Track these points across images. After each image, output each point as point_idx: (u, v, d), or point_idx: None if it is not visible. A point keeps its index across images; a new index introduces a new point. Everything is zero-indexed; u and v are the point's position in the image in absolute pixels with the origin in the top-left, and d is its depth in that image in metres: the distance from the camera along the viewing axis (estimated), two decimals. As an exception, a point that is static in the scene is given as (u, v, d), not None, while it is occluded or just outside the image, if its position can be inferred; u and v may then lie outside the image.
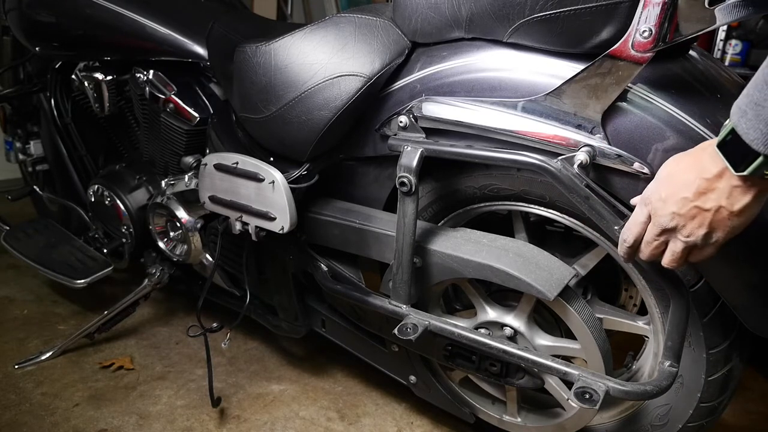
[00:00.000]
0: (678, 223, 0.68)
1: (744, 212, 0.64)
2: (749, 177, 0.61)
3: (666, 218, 0.69)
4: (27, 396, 1.35)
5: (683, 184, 0.67)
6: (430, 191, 1.07)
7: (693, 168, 0.66)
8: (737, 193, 0.63)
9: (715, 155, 0.63)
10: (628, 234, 0.76)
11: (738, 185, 0.63)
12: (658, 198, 0.70)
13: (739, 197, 0.63)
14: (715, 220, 0.66)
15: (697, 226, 0.67)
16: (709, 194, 0.65)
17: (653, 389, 0.87)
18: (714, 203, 0.65)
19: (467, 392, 1.21)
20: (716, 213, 0.65)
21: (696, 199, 0.66)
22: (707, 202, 0.65)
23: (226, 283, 1.44)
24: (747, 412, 1.38)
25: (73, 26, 1.40)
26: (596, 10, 0.79)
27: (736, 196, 0.63)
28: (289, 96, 1.05)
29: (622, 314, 1.06)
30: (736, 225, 0.66)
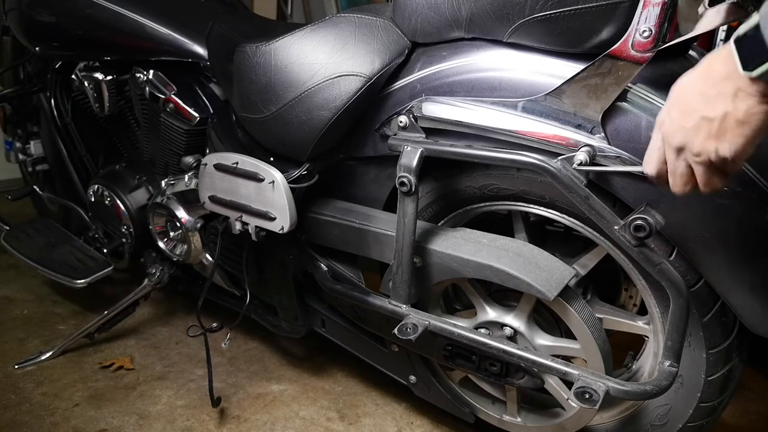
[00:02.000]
0: (687, 140, 0.64)
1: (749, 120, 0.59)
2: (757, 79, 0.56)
3: (676, 136, 0.65)
4: (27, 396, 1.35)
5: (692, 95, 0.62)
6: (430, 191, 1.07)
7: (702, 76, 0.62)
8: (742, 96, 0.58)
9: (727, 56, 0.58)
10: (648, 165, 0.71)
11: (744, 87, 0.58)
12: (669, 116, 0.66)
13: (744, 100, 0.58)
14: (722, 128, 0.60)
15: (705, 138, 0.62)
16: (716, 99, 0.60)
17: (653, 389, 0.87)
18: (720, 109, 0.60)
19: (467, 392, 1.21)
20: (722, 121, 0.60)
21: (703, 108, 0.61)
22: (714, 109, 0.60)
23: (226, 283, 1.44)
24: (747, 412, 1.38)
25: (73, 26, 1.40)
26: (596, 10, 0.79)
27: (741, 99, 0.58)
28: (289, 96, 1.05)
29: (622, 314, 1.06)
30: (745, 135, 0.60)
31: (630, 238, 0.81)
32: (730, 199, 0.78)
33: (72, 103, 1.62)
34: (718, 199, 0.78)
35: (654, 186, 0.81)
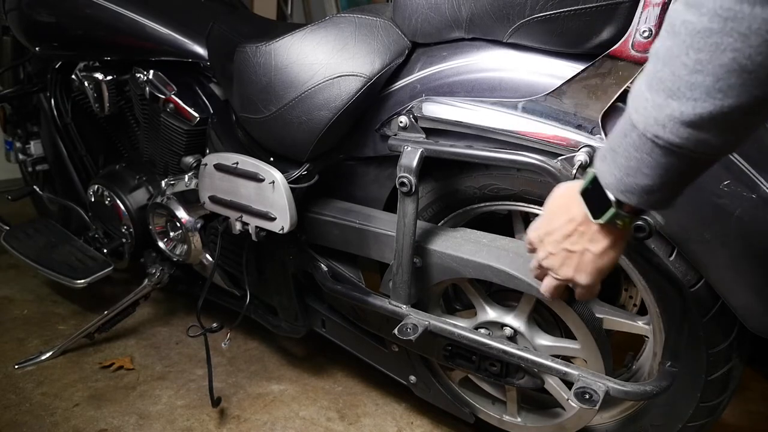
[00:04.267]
0: (551, 263, 0.73)
1: (605, 255, 0.68)
2: (605, 225, 0.64)
3: (542, 255, 0.74)
4: (27, 396, 1.35)
5: (557, 226, 0.71)
6: (430, 191, 1.07)
7: (564, 211, 0.70)
8: (599, 238, 0.67)
9: (580, 201, 0.66)
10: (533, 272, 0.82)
11: (598, 231, 0.66)
12: (537, 236, 0.75)
13: (601, 241, 0.67)
14: (582, 261, 0.69)
15: (566, 267, 0.71)
16: (576, 237, 0.68)
17: (653, 389, 0.87)
18: (580, 246, 0.68)
19: (467, 392, 1.21)
20: (582, 255, 0.69)
21: (565, 242, 0.70)
22: (575, 245, 0.69)
23: (226, 283, 1.44)
24: (747, 412, 1.38)
25: (73, 26, 1.40)
26: (596, 10, 0.79)
27: (598, 240, 0.67)
28: (289, 96, 1.05)
29: (622, 314, 1.06)
30: (600, 267, 0.69)
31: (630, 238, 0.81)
32: (730, 199, 0.78)
33: (72, 103, 1.62)
34: (719, 199, 0.78)
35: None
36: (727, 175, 0.77)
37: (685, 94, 0.50)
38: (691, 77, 0.49)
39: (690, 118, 0.50)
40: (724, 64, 0.47)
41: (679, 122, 0.51)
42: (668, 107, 0.51)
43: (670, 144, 0.53)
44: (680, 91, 0.50)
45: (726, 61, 0.46)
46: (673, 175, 0.56)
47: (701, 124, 0.50)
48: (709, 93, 0.48)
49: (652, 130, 0.54)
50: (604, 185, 0.62)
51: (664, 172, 0.56)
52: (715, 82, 0.48)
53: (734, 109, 0.48)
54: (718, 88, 0.48)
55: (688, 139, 0.52)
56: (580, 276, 0.71)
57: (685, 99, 0.50)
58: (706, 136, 0.51)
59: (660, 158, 0.55)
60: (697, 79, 0.49)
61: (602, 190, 0.62)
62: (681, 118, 0.51)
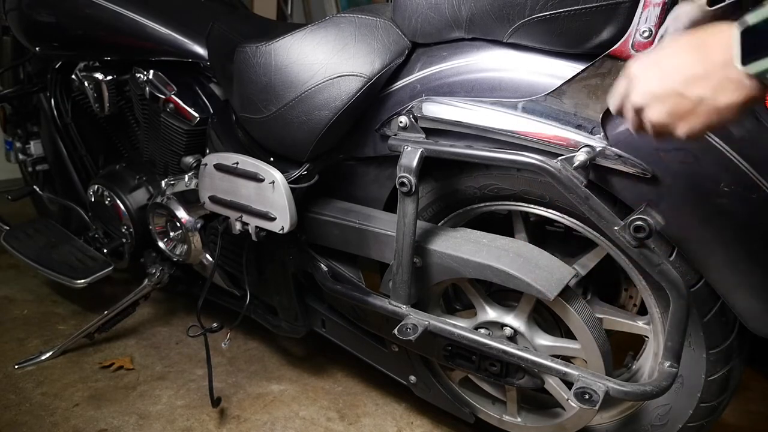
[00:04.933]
0: (649, 105, 0.62)
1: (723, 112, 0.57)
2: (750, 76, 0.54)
3: (640, 95, 0.63)
4: (27, 396, 1.35)
5: (677, 64, 0.59)
6: (430, 191, 1.07)
7: (694, 51, 0.58)
8: (729, 88, 0.55)
9: (729, 41, 0.54)
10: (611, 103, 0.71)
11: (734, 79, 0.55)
12: (641, 71, 0.63)
13: (729, 93, 0.56)
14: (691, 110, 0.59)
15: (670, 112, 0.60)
16: (699, 81, 0.57)
17: (653, 390, 0.87)
18: (699, 93, 0.57)
19: (467, 392, 1.21)
20: (695, 104, 0.58)
21: (681, 84, 0.58)
22: (693, 90, 0.57)
23: (226, 283, 1.44)
24: (747, 412, 1.38)
25: (73, 26, 1.40)
26: (596, 10, 0.79)
27: (726, 90, 0.56)
28: (289, 96, 1.05)
29: (622, 314, 1.06)
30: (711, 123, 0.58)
31: (630, 238, 0.81)
32: (730, 200, 0.78)
33: (72, 103, 1.62)
34: (719, 199, 0.78)
35: (654, 186, 0.81)
36: (727, 175, 0.77)
37: None
38: None
39: None
40: None
41: None
42: None
43: None
44: None
45: None
46: None
47: None
48: None
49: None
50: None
51: None
52: None
53: None
54: None
55: None
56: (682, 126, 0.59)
57: None
58: None
59: None
60: None
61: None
62: None
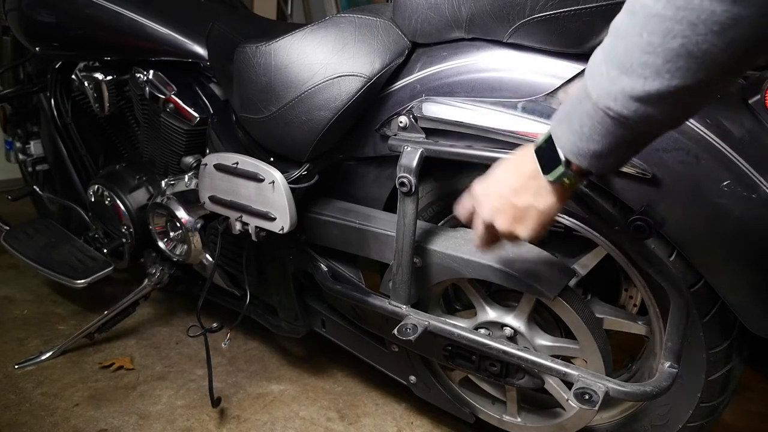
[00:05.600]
0: (494, 218, 0.76)
1: (548, 211, 0.71)
2: (553, 182, 0.68)
3: (486, 211, 0.77)
4: (27, 396, 1.35)
5: (503, 181, 0.74)
6: (430, 191, 1.07)
7: (513, 168, 0.74)
8: (544, 193, 0.70)
9: (532, 157, 0.70)
10: (459, 213, 0.86)
11: (544, 186, 0.70)
12: (482, 192, 0.78)
13: (546, 197, 0.70)
14: (524, 215, 0.73)
15: (508, 220, 0.74)
16: (523, 192, 0.72)
17: (653, 390, 0.87)
18: (525, 201, 0.72)
19: (467, 392, 1.21)
20: (526, 210, 0.72)
21: (511, 195, 0.73)
22: (520, 199, 0.72)
23: (226, 283, 1.44)
24: (747, 412, 1.38)
25: (73, 26, 1.40)
26: (596, 10, 0.79)
27: (543, 195, 0.70)
28: (289, 96, 1.05)
29: (622, 314, 1.06)
30: (541, 222, 0.73)
31: (630, 238, 0.81)
32: (730, 199, 0.78)
33: (72, 103, 1.62)
34: (719, 199, 0.78)
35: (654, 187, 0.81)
36: (727, 175, 0.77)
37: (636, 71, 0.53)
38: (642, 56, 0.53)
39: (639, 94, 0.54)
40: (673, 48, 0.50)
41: (629, 97, 0.55)
42: (620, 82, 0.55)
43: (619, 116, 0.57)
44: (632, 68, 0.54)
45: (675, 46, 0.50)
46: (622, 144, 0.60)
47: (649, 100, 0.54)
48: (658, 72, 0.52)
49: (604, 101, 0.57)
50: (558, 146, 0.66)
51: (614, 141, 0.60)
52: (664, 63, 0.51)
53: (680, 89, 0.52)
54: (667, 69, 0.52)
55: (636, 112, 0.56)
56: (521, 229, 0.74)
57: (635, 76, 0.54)
58: (653, 112, 0.55)
59: (610, 128, 0.59)
60: (648, 59, 0.52)
61: (555, 150, 0.66)
62: (631, 93, 0.55)
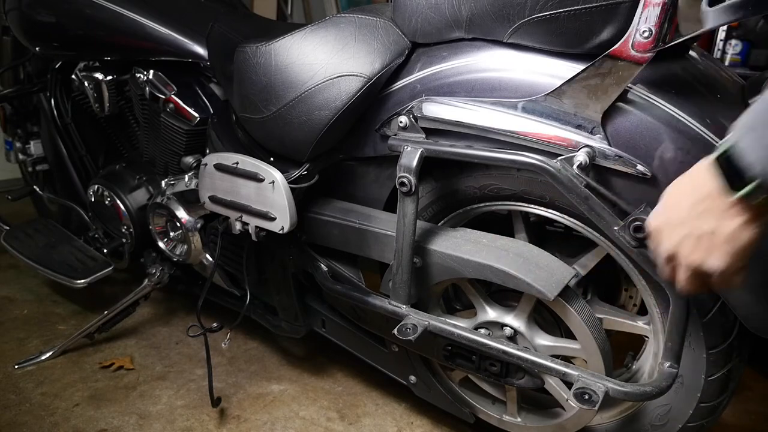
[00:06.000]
0: (680, 248, 0.65)
1: (738, 235, 0.59)
2: (742, 199, 0.57)
3: (668, 243, 0.66)
4: (27, 396, 1.35)
5: (679, 206, 0.64)
6: (430, 191, 1.07)
7: (688, 188, 0.63)
8: (731, 215, 0.59)
9: (712, 172, 0.59)
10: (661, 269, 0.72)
11: (731, 206, 0.58)
12: (661, 222, 0.67)
13: (733, 219, 0.59)
14: (711, 244, 0.61)
15: (696, 250, 0.63)
16: (704, 215, 0.60)
17: (653, 390, 0.87)
18: (708, 226, 0.60)
19: (467, 392, 1.21)
20: (711, 237, 0.61)
21: (692, 222, 0.62)
22: (701, 225, 0.61)
23: (226, 283, 1.44)
24: (747, 412, 1.38)
25: (73, 26, 1.40)
26: (596, 10, 0.79)
27: (728, 218, 0.59)
28: (289, 96, 1.05)
29: (622, 314, 1.06)
30: (734, 248, 0.60)
31: (629, 238, 0.81)
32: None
33: (72, 103, 1.62)
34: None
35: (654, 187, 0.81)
36: (727, 175, 0.77)
37: None
38: None
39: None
40: None
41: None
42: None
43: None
44: None
45: None
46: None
47: None
48: None
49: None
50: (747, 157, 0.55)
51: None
52: None
53: None
54: None
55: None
56: (713, 259, 0.61)
57: None
58: None
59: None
60: None
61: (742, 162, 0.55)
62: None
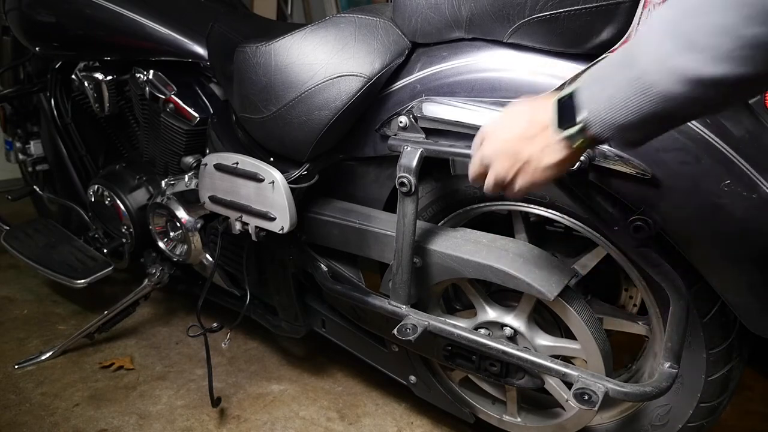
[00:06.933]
0: (494, 160, 0.72)
1: (548, 169, 0.67)
2: (564, 139, 0.64)
3: (487, 152, 0.73)
4: (27, 396, 1.35)
5: (513, 126, 0.70)
6: (430, 191, 1.07)
7: (526, 114, 0.69)
8: (551, 150, 0.66)
9: (549, 108, 0.65)
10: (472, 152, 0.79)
11: (553, 143, 0.65)
12: (492, 129, 0.74)
13: (551, 154, 0.66)
14: (525, 168, 0.69)
15: (507, 168, 0.70)
16: (529, 142, 0.67)
17: (653, 390, 0.87)
18: (529, 152, 0.67)
19: (467, 392, 1.21)
20: (527, 162, 0.68)
21: (517, 142, 0.68)
22: (525, 149, 0.68)
23: (226, 283, 1.44)
24: (747, 412, 1.37)
25: (73, 26, 1.40)
26: (596, 10, 0.79)
27: (549, 152, 0.66)
28: (289, 96, 1.05)
29: (622, 314, 1.06)
30: (537, 178, 0.69)
31: (629, 238, 0.81)
32: (730, 199, 0.78)
33: (72, 103, 1.62)
34: (719, 199, 0.78)
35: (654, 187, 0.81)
36: (727, 175, 0.77)
37: (702, 51, 0.49)
38: (713, 38, 0.49)
39: (698, 75, 0.50)
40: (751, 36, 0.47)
41: (685, 76, 0.51)
42: (680, 58, 0.51)
43: (667, 93, 0.53)
44: (698, 47, 0.50)
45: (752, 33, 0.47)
46: (654, 122, 0.57)
47: (707, 83, 0.50)
48: (727, 58, 0.48)
49: (653, 75, 0.53)
50: (581, 106, 0.61)
51: (647, 116, 0.56)
52: (736, 49, 0.48)
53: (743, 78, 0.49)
54: (737, 56, 0.48)
55: (687, 93, 0.52)
56: (518, 180, 0.70)
57: (700, 56, 0.50)
58: (706, 95, 0.51)
59: (650, 103, 0.55)
60: (719, 41, 0.48)
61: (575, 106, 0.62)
62: (689, 73, 0.51)
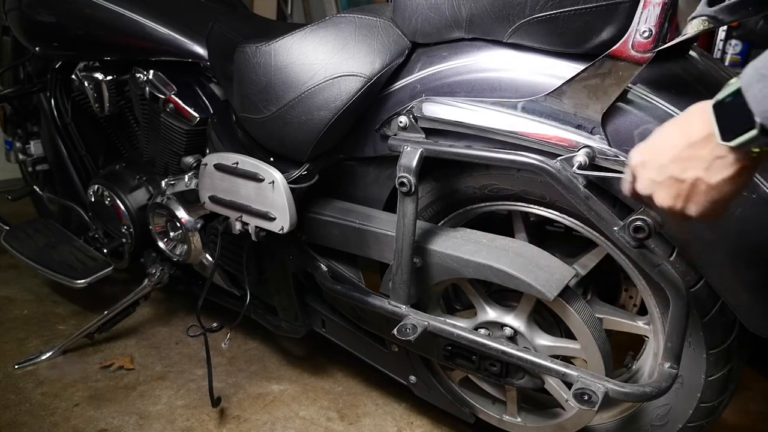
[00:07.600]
0: (654, 193, 0.63)
1: (721, 188, 0.57)
2: (735, 149, 0.54)
3: (644, 184, 0.65)
4: (27, 396, 1.35)
5: (665, 148, 0.61)
6: (430, 191, 1.07)
7: (678, 130, 0.60)
8: (718, 165, 0.56)
9: (706, 118, 0.56)
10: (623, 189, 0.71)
11: (721, 156, 0.55)
12: (639, 161, 0.65)
13: (720, 170, 0.56)
14: (691, 192, 0.59)
15: (672, 197, 0.61)
16: (689, 162, 0.58)
17: (653, 391, 0.87)
18: (692, 174, 0.58)
19: (467, 392, 1.21)
20: (693, 185, 0.59)
21: (674, 168, 0.59)
22: (685, 172, 0.58)
23: (226, 283, 1.44)
24: (747, 412, 1.37)
25: (73, 26, 1.40)
26: (596, 10, 0.79)
27: (716, 168, 0.56)
28: (289, 96, 1.05)
29: (622, 314, 1.06)
30: (714, 202, 0.59)
31: (629, 239, 0.81)
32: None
33: (72, 103, 1.62)
34: (718, 199, 0.78)
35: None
36: (727, 175, 0.77)
37: None
38: None
39: None
40: None
41: None
42: None
43: None
44: None
45: None
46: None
47: None
48: None
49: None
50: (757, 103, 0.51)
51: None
52: None
53: None
54: None
55: None
56: (690, 207, 0.60)
57: None
58: None
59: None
60: None
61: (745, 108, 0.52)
62: None
